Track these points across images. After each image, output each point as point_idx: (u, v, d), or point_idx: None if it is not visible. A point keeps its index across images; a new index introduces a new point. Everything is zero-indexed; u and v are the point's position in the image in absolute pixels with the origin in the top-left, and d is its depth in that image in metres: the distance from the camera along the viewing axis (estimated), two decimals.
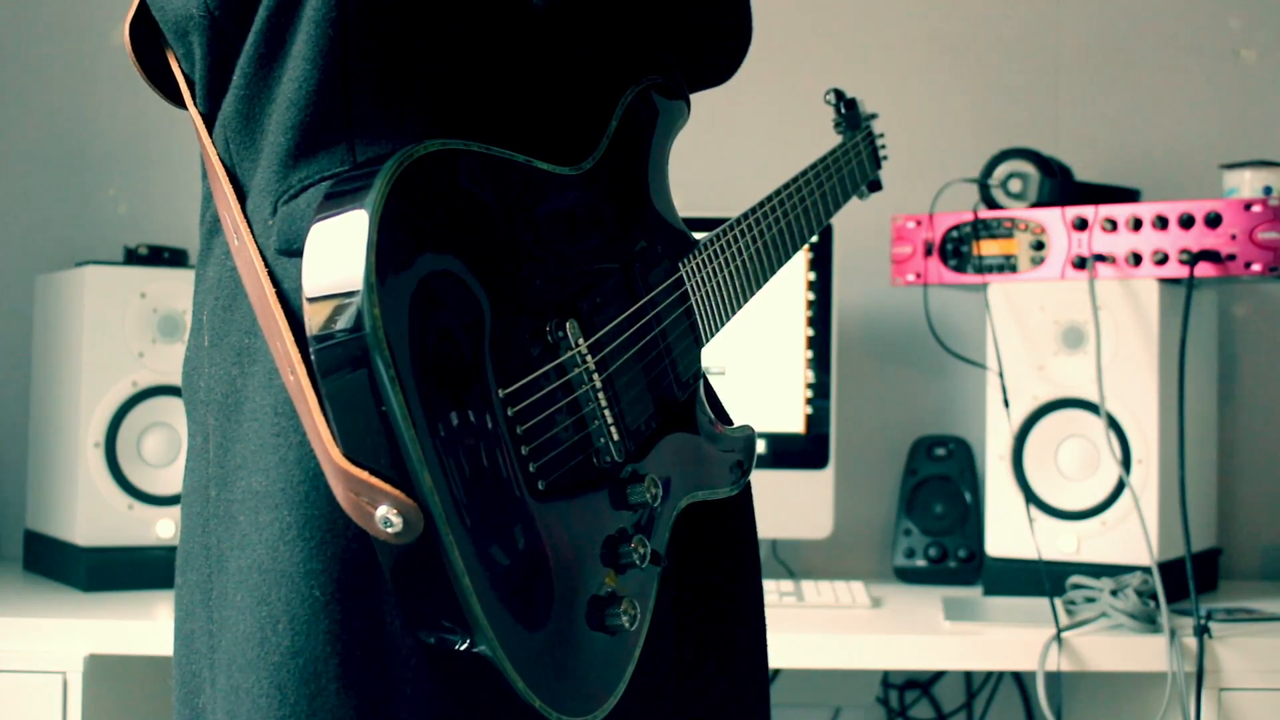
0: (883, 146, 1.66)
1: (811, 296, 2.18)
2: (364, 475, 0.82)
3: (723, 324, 1.17)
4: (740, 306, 1.20)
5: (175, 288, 2.05)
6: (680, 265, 1.11)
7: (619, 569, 0.95)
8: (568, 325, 0.94)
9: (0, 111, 2.38)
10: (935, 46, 2.45)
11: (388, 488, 0.81)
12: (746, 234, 1.22)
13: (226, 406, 0.95)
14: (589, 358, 0.96)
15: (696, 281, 1.13)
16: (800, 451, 2.17)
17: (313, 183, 0.94)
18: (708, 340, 1.14)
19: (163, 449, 2.03)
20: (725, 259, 1.17)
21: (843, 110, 1.62)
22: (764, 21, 2.59)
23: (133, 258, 2.13)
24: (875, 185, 1.60)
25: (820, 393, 2.17)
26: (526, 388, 0.89)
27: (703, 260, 1.14)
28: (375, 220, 0.82)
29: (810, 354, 2.18)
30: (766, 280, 1.25)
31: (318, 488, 0.90)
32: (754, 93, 2.43)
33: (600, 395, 0.96)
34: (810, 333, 2.18)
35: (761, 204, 1.26)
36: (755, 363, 2.18)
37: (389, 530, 0.81)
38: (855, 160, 1.51)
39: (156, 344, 2.03)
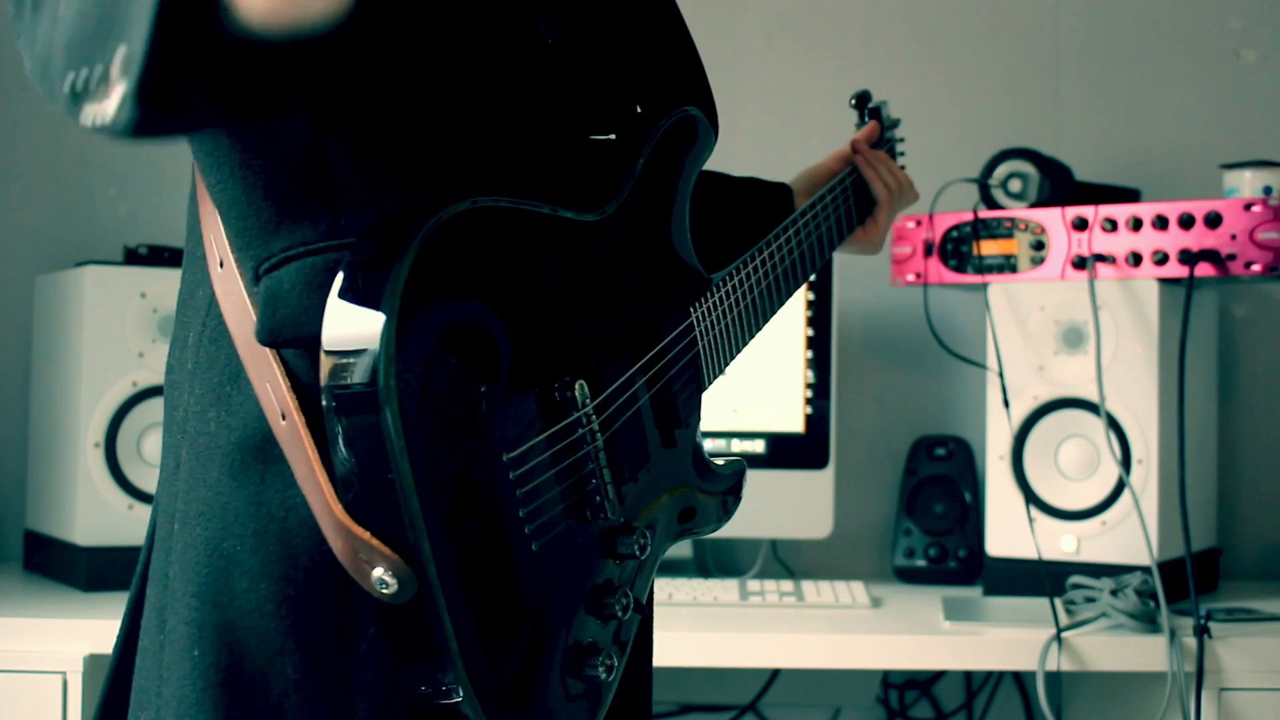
0: (902, 154, 1.65)
1: (811, 296, 2.18)
2: (364, 535, 0.83)
3: (725, 368, 1.17)
4: (742, 348, 1.20)
5: (175, 288, 2.03)
6: (691, 309, 1.11)
7: (602, 619, 0.97)
8: (576, 386, 0.95)
9: (1, 111, 2.38)
10: (935, 46, 2.45)
11: (388, 551, 0.82)
12: (755, 274, 1.21)
13: (199, 445, 0.95)
14: (594, 419, 0.96)
15: (705, 326, 1.13)
16: (800, 451, 2.17)
17: (295, 255, 0.92)
18: (709, 384, 1.14)
19: None
20: (734, 300, 1.17)
21: (866, 117, 1.59)
22: (763, 22, 2.59)
23: (133, 258, 2.13)
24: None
25: (820, 393, 2.17)
26: (530, 451, 0.90)
27: (713, 303, 1.14)
28: (400, 282, 0.82)
29: (810, 354, 2.18)
30: (769, 318, 1.25)
31: (270, 540, 0.91)
32: (754, 95, 2.43)
33: (602, 455, 0.97)
34: (810, 333, 2.18)
35: (769, 241, 1.25)
36: (755, 363, 2.18)
37: (384, 591, 0.83)
38: (850, 197, 1.47)
39: (156, 344, 2.03)
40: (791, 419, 2.17)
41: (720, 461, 1.15)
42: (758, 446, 2.17)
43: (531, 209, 0.94)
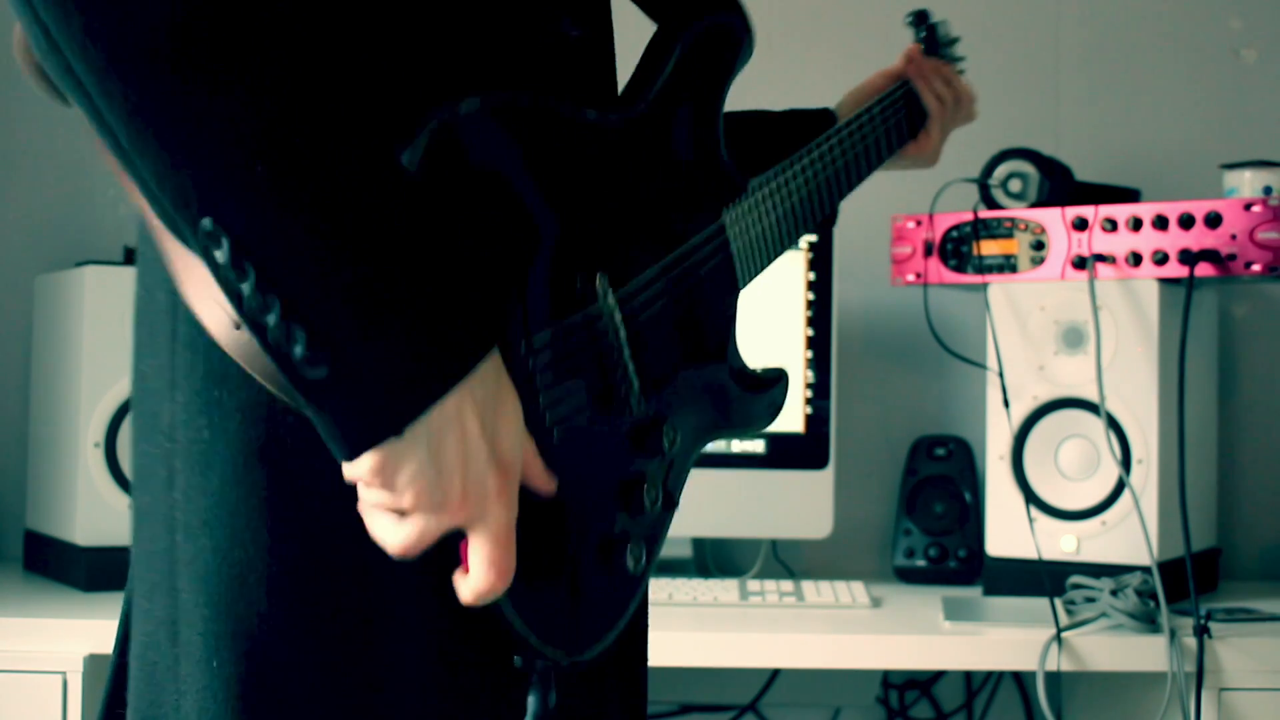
0: (960, 72, 1.63)
1: (811, 296, 2.18)
2: None
3: (763, 268, 1.18)
4: (782, 252, 1.21)
5: None
6: (724, 212, 1.12)
7: (631, 512, 0.97)
8: (597, 279, 0.95)
9: (1, 112, 2.38)
10: None
11: None
12: (795, 179, 1.22)
13: (193, 455, 0.91)
14: (616, 312, 0.96)
15: (739, 229, 1.13)
16: (800, 451, 2.17)
17: None
18: (745, 284, 1.15)
19: None
20: (772, 204, 1.18)
21: (923, 35, 1.58)
22: (763, 22, 2.58)
23: (133, 258, 2.13)
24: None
25: (820, 393, 2.17)
26: (550, 340, 0.91)
27: (748, 206, 1.14)
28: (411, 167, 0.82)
29: (810, 354, 2.18)
30: (811, 227, 1.26)
31: (285, 541, 0.89)
32: (754, 95, 2.42)
33: (626, 349, 0.97)
34: (810, 333, 2.18)
35: (810, 148, 1.25)
36: (755, 363, 2.17)
37: None
38: (901, 110, 1.47)
39: None
40: (791, 419, 2.17)
41: (759, 368, 1.16)
42: (758, 446, 2.17)
43: (549, 105, 0.93)
